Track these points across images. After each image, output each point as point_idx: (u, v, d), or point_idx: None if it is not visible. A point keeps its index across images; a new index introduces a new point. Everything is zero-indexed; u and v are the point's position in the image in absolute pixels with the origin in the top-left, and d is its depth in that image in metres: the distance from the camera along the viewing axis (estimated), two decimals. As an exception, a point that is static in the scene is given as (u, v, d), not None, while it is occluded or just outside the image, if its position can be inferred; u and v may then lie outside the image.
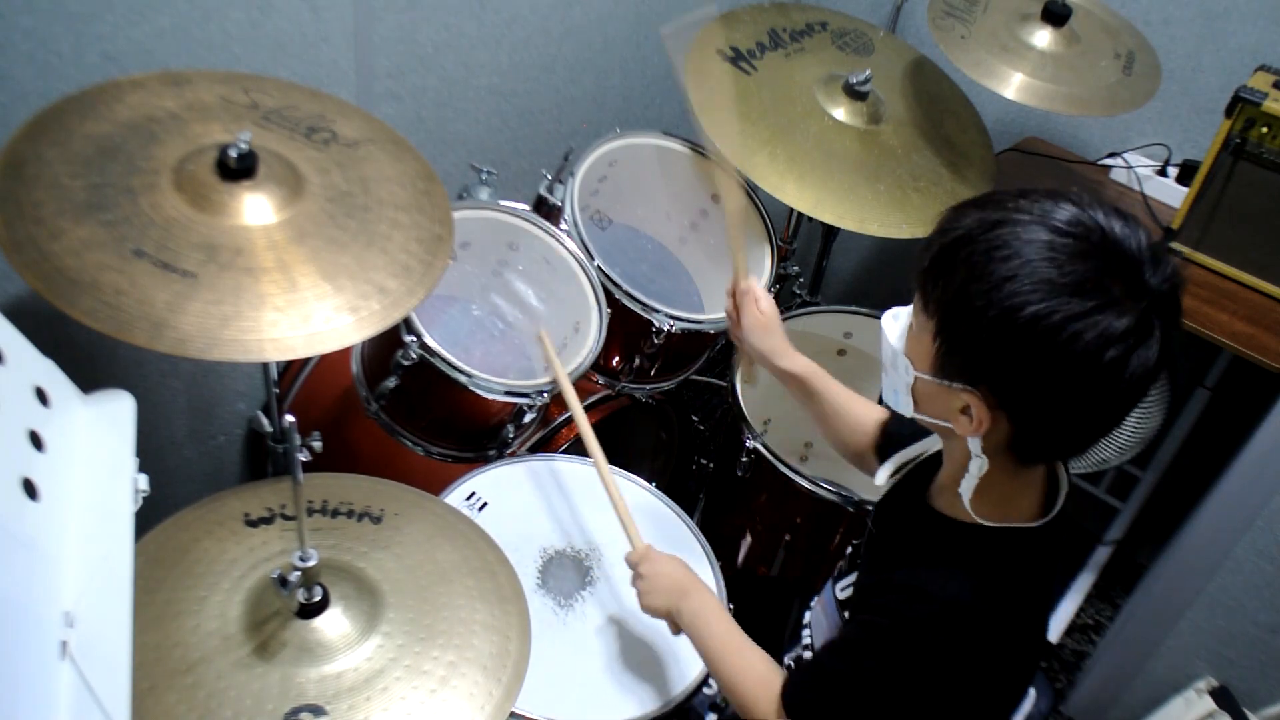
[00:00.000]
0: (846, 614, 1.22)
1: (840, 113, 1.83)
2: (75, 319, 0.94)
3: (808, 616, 1.33)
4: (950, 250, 0.93)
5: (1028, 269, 0.87)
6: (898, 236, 1.74)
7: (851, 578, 1.25)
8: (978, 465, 1.00)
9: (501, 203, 1.71)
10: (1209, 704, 1.91)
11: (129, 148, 1.09)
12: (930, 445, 1.20)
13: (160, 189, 1.06)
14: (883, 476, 1.22)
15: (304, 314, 1.03)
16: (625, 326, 1.69)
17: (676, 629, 1.29)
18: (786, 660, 1.35)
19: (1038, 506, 1.05)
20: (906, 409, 1.05)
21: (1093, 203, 0.91)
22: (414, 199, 1.21)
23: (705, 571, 1.52)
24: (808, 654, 1.29)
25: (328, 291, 1.06)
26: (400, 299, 1.10)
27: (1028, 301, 0.87)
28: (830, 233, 2.13)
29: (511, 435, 1.63)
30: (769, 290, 1.82)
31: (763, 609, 1.58)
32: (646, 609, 1.31)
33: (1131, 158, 2.14)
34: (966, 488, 1.02)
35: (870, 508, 1.55)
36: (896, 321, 1.04)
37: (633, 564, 1.35)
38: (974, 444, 1.00)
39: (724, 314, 1.49)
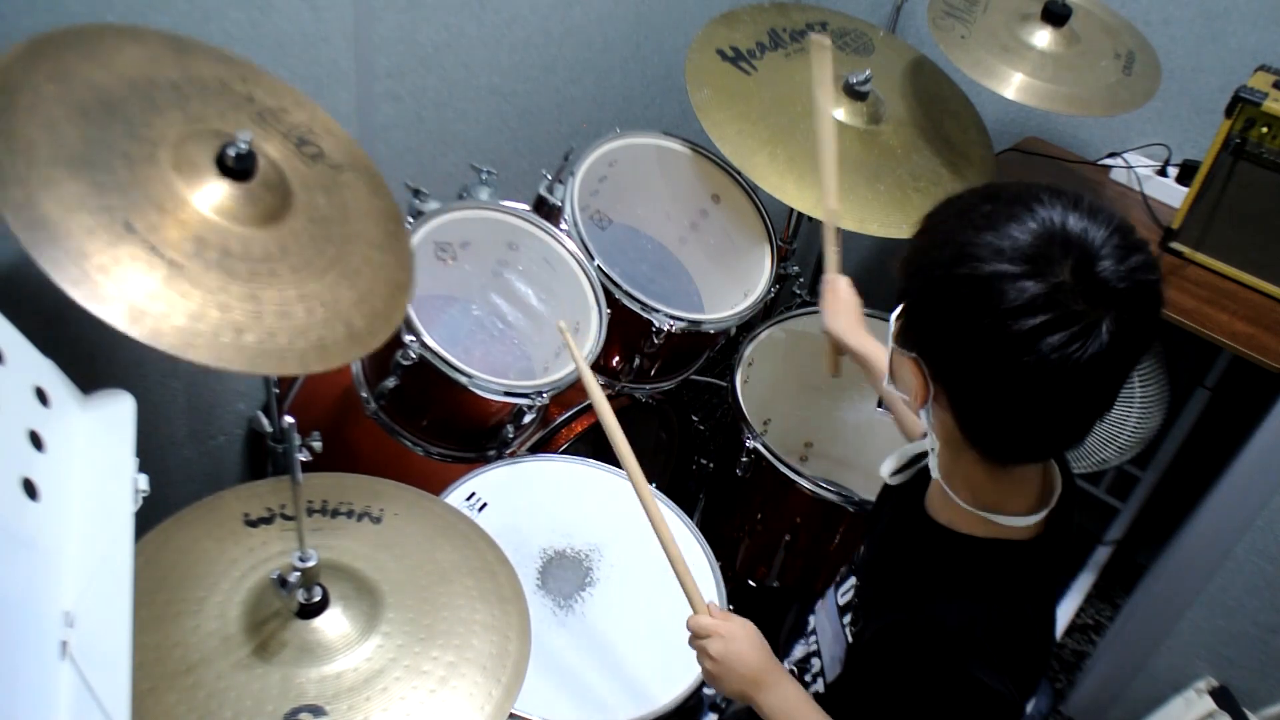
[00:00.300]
0: (847, 619, 1.22)
1: (840, 113, 1.84)
2: (52, 279, 0.88)
3: (812, 622, 1.33)
4: (921, 224, 0.96)
5: (971, 230, 0.88)
6: (897, 237, 1.74)
7: (851, 582, 1.25)
8: (932, 441, 1.01)
9: (501, 203, 1.71)
10: (1209, 704, 1.91)
11: (129, 109, 1.04)
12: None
13: (158, 163, 1.02)
14: (886, 470, 1.22)
15: (270, 329, 1.01)
16: (625, 326, 1.69)
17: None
18: (788, 664, 1.35)
19: (1029, 508, 1.04)
20: (885, 377, 1.08)
21: (1064, 196, 0.90)
22: (385, 240, 1.18)
23: (706, 572, 1.52)
24: (816, 660, 1.29)
25: (299, 313, 1.04)
26: (363, 338, 1.08)
27: (959, 254, 0.88)
28: (830, 233, 2.13)
29: (511, 435, 1.63)
30: (770, 289, 1.82)
31: (759, 616, 1.58)
32: (716, 690, 1.24)
33: (1131, 158, 2.14)
34: (932, 465, 1.02)
35: (869, 508, 1.55)
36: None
37: (699, 634, 1.19)
38: (924, 416, 1.00)
39: (727, 314, 1.49)
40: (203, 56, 1.16)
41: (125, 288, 0.93)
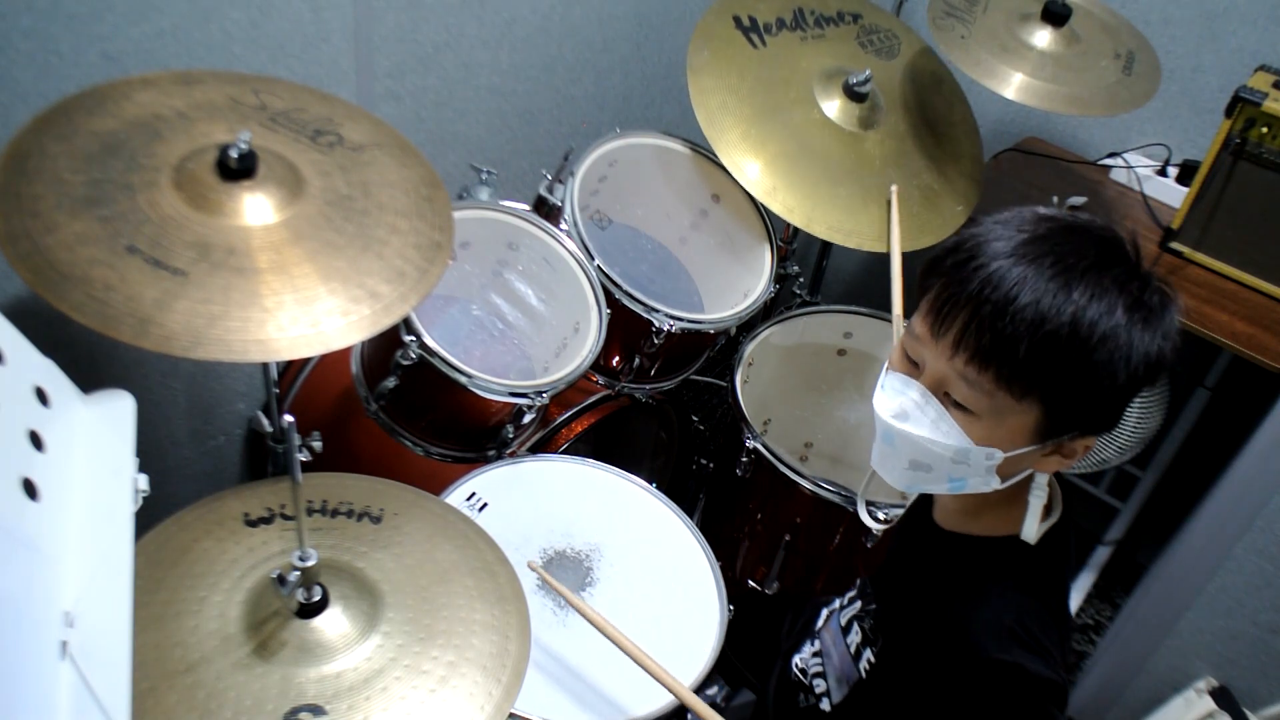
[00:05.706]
0: (852, 638, 1.23)
1: (833, 110, 1.82)
2: (63, 312, 0.94)
3: (818, 644, 1.33)
4: (1049, 343, 0.91)
5: (1118, 331, 0.91)
6: (840, 244, 1.73)
7: (856, 606, 1.26)
8: (1044, 482, 1.03)
9: (501, 203, 1.71)
10: (1209, 704, 1.91)
11: (133, 145, 1.08)
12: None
13: (159, 186, 1.06)
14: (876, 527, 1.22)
15: (292, 316, 1.03)
16: (625, 326, 1.69)
17: None
18: (796, 662, 1.35)
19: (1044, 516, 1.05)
20: (989, 486, 1.02)
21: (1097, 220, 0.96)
22: (415, 205, 1.21)
23: (705, 572, 1.52)
24: (821, 680, 1.29)
25: (319, 294, 1.06)
26: (392, 304, 1.10)
27: (1118, 356, 0.91)
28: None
29: (511, 435, 1.63)
30: (770, 289, 1.82)
31: (757, 620, 1.58)
32: None
33: (1131, 158, 2.14)
34: (1036, 506, 1.03)
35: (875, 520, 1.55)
36: (924, 415, 0.99)
37: None
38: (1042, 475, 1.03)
39: (727, 314, 1.48)
40: (213, 82, 1.21)
41: (132, 304, 0.97)
